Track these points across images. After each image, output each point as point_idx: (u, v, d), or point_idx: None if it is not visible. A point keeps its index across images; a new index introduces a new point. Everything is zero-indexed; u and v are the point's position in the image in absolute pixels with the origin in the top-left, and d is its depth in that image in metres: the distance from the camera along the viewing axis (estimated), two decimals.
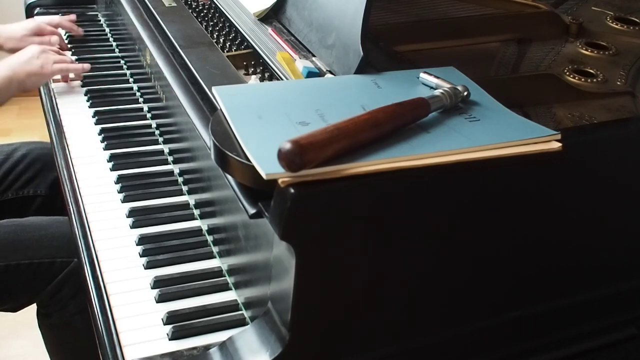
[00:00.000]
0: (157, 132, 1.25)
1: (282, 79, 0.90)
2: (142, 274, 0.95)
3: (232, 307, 0.90)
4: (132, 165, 1.17)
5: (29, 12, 1.69)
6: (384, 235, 0.74)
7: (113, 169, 1.16)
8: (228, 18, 1.11)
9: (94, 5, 1.74)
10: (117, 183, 1.12)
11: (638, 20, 1.17)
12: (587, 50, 1.07)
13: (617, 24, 1.16)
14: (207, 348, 0.82)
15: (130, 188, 1.11)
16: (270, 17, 1.06)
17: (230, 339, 0.79)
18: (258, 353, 0.75)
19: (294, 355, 0.74)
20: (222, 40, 1.05)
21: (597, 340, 0.97)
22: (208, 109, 0.90)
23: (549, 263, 0.88)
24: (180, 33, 1.08)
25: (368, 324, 0.79)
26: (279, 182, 0.66)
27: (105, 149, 1.22)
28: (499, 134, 0.76)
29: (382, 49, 0.98)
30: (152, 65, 1.18)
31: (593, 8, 1.21)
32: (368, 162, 0.69)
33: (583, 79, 0.98)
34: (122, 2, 1.33)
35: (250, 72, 0.96)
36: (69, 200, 1.11)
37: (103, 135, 1.25)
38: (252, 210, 0.73)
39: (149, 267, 0.96)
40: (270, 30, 1.02)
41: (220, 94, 0.81)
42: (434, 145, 0.73)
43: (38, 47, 1.35)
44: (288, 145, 0.64)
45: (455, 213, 0.77)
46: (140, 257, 0.97)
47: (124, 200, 1.08)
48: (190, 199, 1.08)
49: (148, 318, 0.88)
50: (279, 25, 1.04)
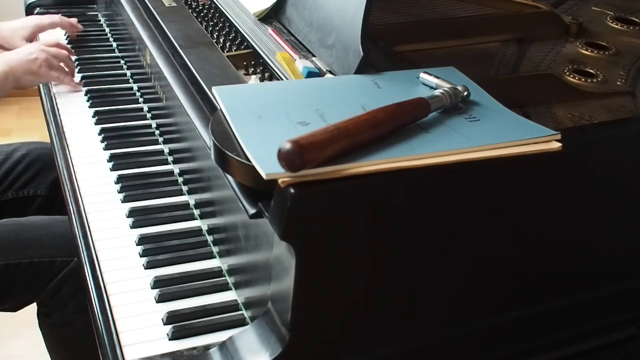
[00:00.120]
0: (157, 132, 1.25)
1: (282, 79, 0.90)
2: (142, 274, 0.95)
3: (232, 307, 0.90)
4: (132, 165, 1.17)
5: (29, 12, 1.70)
6: (384, 235, 0.74)
7: (113, 169, 1.16)
8: (228, 18, 1.11)
9: (94, 5, 1.74)
10: (117, 183, 1.12)
11: (638, 20, 1.17)
12: (587, 50, 1.07)
13: (617, 24, 1.15)
14: (207, 348, 0.82)
15: (130, 188, 1.11)
16: (270, 17, 1.06)
17: (230, 339, 0.79)
18: (258, 353, 0.75)
19: (294, 355, 0.74)
20: (222, 40, 1.05)
21: (597, 340, 0.97)
22: (208, 109, 0.90)
23: (549, 263, 0.88)
24: (180, 33, 1.08)
25: (368, 324, 0.79)
26: (279, 182, 0.66)
27: (105, 149, 1.22)
28: (499, 134, 0.76)
29: (382, 49, 0.98)
30: (152, 65, 1.18)
31: (593, 8, 1.21)
32: (368, 162, 0.69)
33: (583, 79, 0.98)
34: (122, 2, 1.33)
35: (250, 72, 0.96)
36: (69, 200, 1.11)
37: (103, 135, 1.25)
38: (252, 210, 0.73)
39: (149, 267, 0.96)
40: (270, 30, 1.02)
41: (220, 94, 0.81)
42: (434, 145, 0.73)
43: (38, 47, 1.35)
44: (288, 145, 0.64)
45: (455, 213, 0.77)
46: (140, 257, 0.97)
47: (124, 200, 1.08)
48: (190, 199, 1.08)
49: (148, 318, 0.88)
50: (279, 25, 1.04)
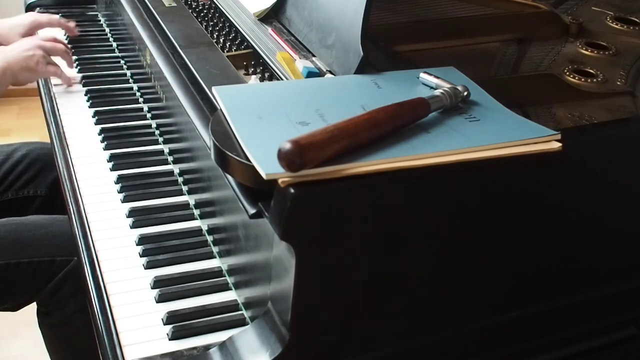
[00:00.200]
0: (157, 132, 1.25)
1: (282, 79, 0.90)
2: (142, 274, 0.95)
3: (232, 307, 0.90)
4: (132, 165, 1.17)
5: (29, 12, 1.69)
6: (384, 235, 0.74)
7: (113, 169, 1.16)
8: (228, 18, 1.11)
9: (94, 5, 1.73)
10: (117, 183, 1.12)
11: (638, 20, 1.17)
12: (587, 50, 1.07)
13: (617, 24, 1.15)
14: (207, 348, 0.82)
15: (130, 188, 1.11)
16: (270, 17, 1.06)
17: (230, 339, 0.79)
18: (258, 353, 0.75)
19: (294, 355, 0.74)
20: (222, 40, 1.05)
21: (597, 340, 0.97)
22: (208, 109, 0.89)
23: (549, 263, 0.88)
24: (180, 33, 1.08)
25: (368, 324, 0.79)
26: (279, 182, 0.66)
27: (105, 149, 1.22)
28: (499, 134, 0.75)
29: (382, 49, 0.98)
30: (152, 65, 1.18)
31: (593, 8, 1.21)
32: (368, 162, 0.69)
33: (583, 79, 0.98)
34: (122, 2, 1.33)
35: (250, 72, 0.96)
36: (69, 200, 1.11)
37: (103, 135, 1.25)
38: (252, 210, 0.73)
39: (149, 267, 0.96)
40: (270, 30, 1.02)
41: (220, 94, 0.81)
42: (434, 145, 0.73)
43: (35, 43, 1.34)
44: (288, 145, 0.64)
45: (456, 213, 0.77)
46: (140, 257, 0.97)
47: (124, 200, 1.08)
48: (190, 199, 1.08)
49: (148, 318, 0.88)
50: (279, 25, 1.04)
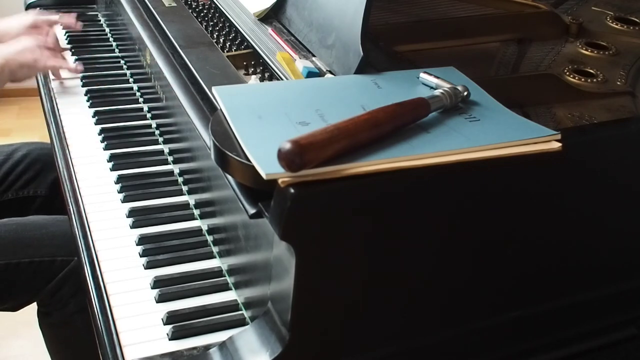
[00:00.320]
0: (157, 132, 1.25)
1: (282, 79, 0.90)
2: (142, 274, 0.95)
3: (232, 307, 0.90)
4: (132, 165, 1.17)
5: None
6: (384, 235, 0.74)
7: (113, 169, 1.16)
8: (228, 18, 1.11)
9: (94, 5, 1.73)
10: (117, 183, 1.12)
11: (638, 20, 1.17)
12: (587, 50, 1.07)
13: (617, 24, 1.15)
14: (207, 348, 0.82)
15: (130, 188, 1.11)
16: (270, 17, 1.06)
17: (230, 339, 0.79)
18: (258, 353, 0.75)
19: (294, 355, 0.74)
20: (222, 40, 1.05)
21: (597, 340, 0.97)
22: (208, 109, 0.89)
23: (549, 263, 0.88)
24: (180, 33, 1.08)
25: (368, 324, 0.79)
26: (279, 182, 0.66)
27: (105, 149, 1.22)
28: (499, 134, 0.75)
29: (382, 49, 0.98)
30: (152, 65, 1.18)
31: (593, 8, 1.21)
32: (368, 162, 0.69)
33: (583, 79, 0.98)
34: (122, 2, 1.33)
35: (250, 72, 0.96)
36: (69, 200, 1.11)
37: (103, 135, 1.25)
38: (252, 210, 0.73)
39: (149, 267, 0.96)
40: (270, 30, 1.02)
41: (220, 94, 0.81)
42: (434, 145, 0.73)
43: (33, 40, 1.34)
44: (288, 145, 0.64)
45: (455, 213, 0.77)
46: (140, 257, 0.97)
47: (124, 200, 1.08)
48: (190, 199, 1.08)
49: (148, 318, 0.88)
50: (279, 25, 1.04)
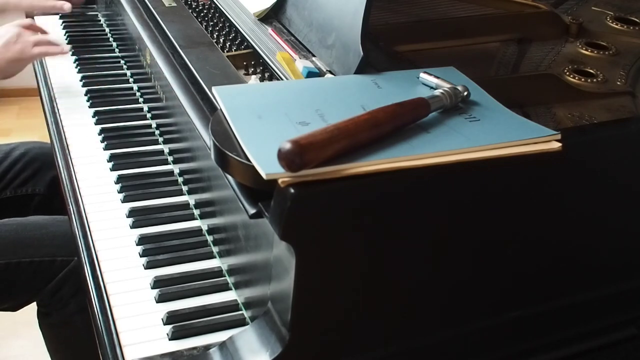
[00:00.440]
0: (157, 132, 1.25)
1: (282, 79, 0.90)
2: (142, 274, 0.95)
3: (232, 307, 0.90)
4: (132, 165, 1.17)
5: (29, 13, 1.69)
6: (384, 235, 0.74)
7: (113, 169, 1.16)
8: (228, 18, 1.11)
9: (94, 5, 1.73)
10: (117, 183, 1.12)
11: (638, 20, 1.17)
12: (587, 50, 1.07)
13: (617, 24, 1.15)
14: (207, 348, 0.82)
15: (130, 188, 1.11)
16: (270, 17, 1.06)
17: (230, 339, 0.79)
18: (258, 353, 0.75)
19: (294, 355, 0.74)
20: (222, 40, 1.05)
21: (597, 340, 0.97)
22: (208, 109, 0.89)
23: (549, 263, 0.88)
24: (180, 33, 1.08)
25: (368, 324, 0.79)
26: (279, 182, 0.66)
27: (105, 149, 1.21)
28: (499, 134, 0.75)
29: (382, 49, 0.98)
30: (152, 65, 1.18)
31: (593, 8, 1.21)
32: (368, 162, 0.69)
33: (583, 79, 0.98)
34: (122, 2, 1.33)
35: (250, 72, 0.96)
36: (69, 200, 1.11)
37: (103, 135, 1.25)
38: (252, 210, 0.73)
39: (149, 267, 0.96)
40: (270, 30, 1.02)
41: (220, 94, 0.81)
42: (434, 145, 0.73)
43: (13, 29, 1.31)
44: (288, 145, 0.64)
45: (455, 213, 0.77)
46: (140, 257, 0.97)
47: (124, 200, 1.08)
48: (190, 199, 1.08)
49: (148, 318, 0.88)
50: (279, 25, 1.04)
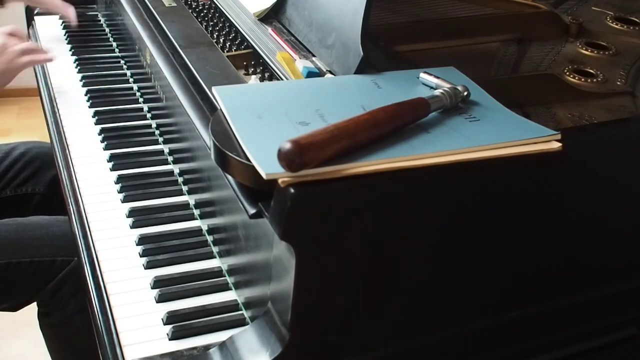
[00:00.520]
0: (157, 132, 1.25)
1: (282, 79, 0.90)
2: (142, 274, 0.95)
3: (232, 307, 0.90)
4: (132, 165, 1.17)
5: (29, 12, 1.69)
6: (384, 235, 0.74)
7: (113, 169, 1.16)
8: (228, 18, 1.11)
9: (94, 5, 1.73)
10: (117, 183, 1.12)
11: (638, 20, 1.17)
12: (587, 50, 1.07)
13: (617, 24, 1.15)
14: (207, 348, 0.82)
15: (130, 188, 1.11)
16: (270, 17, 1.06)
17: (230, 339, 0.79)
18: (258, 353, 0.75)
19: (294, 355, 0.74)
20: (222, 40, 1.05)
21: (597, 340, 0.97)
22: (208, 109, 0.89)
23: (549, 263, 0.88)
24: (180, 33, 1.08)
25: (368, 324, 0.79)
26: (279, 182, 0.66)
27: (105, 149, 1.21)
28: (499, 134, 0.75)
29: (382, 49, 0.98)
30: (152, 65, 1.18)
31: (593, 8, 1.21)
32: (368, 162, 0.69)
33: (583, 79, 0.98)
34: (122, 2, 1.33)
35: (250, 72, 0.96)
36: (69, 200, 1.11)
37: (103, 135, 1.25)
38: (252, 210, 0.73)
39: (149, 267, 0.96)
40: (270, 30, 1.02)
41: (220, 94, 0.81)
42: (434, 145, 0.73)
43: None
44: (288, 145, 0.64)
45: (455, 213, 0.77)
46: (140, 257, 0.97)
47: (124, 200, 1.08)
48: (190, 199, 1.08)
49: (148, 318, 0.88)
50: (279, 25, 1.04)
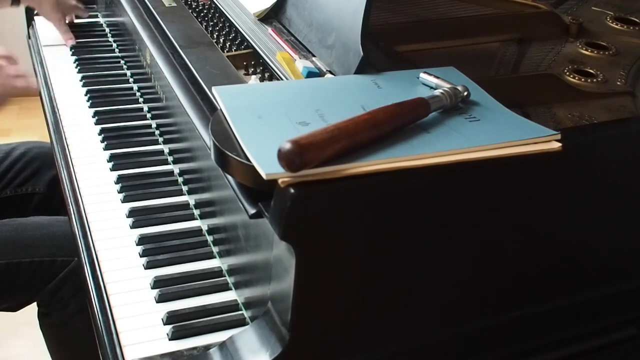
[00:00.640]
0: (157, 132, 1.25)
1: (282, 79, 0.90)
2: (142, 274, 0.95)
3: (232, 307, 0.90)
4: (132, 165, 1.17)
5: (29, 13, 1.69)
6: (384, 235, 0.74)
7: (113, 169, 1.16)
8: (228, 18, 1.11)
9: (94, 5, 1.73)
10: (117, 183, 1.12)
11: (638, 20, 1.17)
12: (587, 50, 1.07)
13: (617, 24, 1.15)
14: (207, 348, 0.82)
15: (130, 188, 1.11)
16: (270, 17, 1.06)
17: (230, 339, 0.79)
18: (258, 353, 0.75)
19: (294, 355, 0.74)
20: (222, 40, 1.05)
21: (597, 340, 0.97)
22: (208, 109, 0.89)
23: (549, 263, 0.88)
24: (180, 33, 1.08)
25: (368, 324, 0.79)
26: (279, 182, 0.66)
27: (105, 149, 1.21)
28: (499, 134, 0.75)
29: (382, 49, 0.98)
30: (152, 65, 1.18)
31: (593, 8, 1.21)
32: (368, 162, 0.69)
33: (583, 79, 0.98)
34: (122, 2, 1.33)
35: (250, 72, 0.96)
36: (69, 200, 1.11)
37: (103, 135, 1.25)
38: (252, 210, 0.73)
39: (149, 267, 0.96)
40: (270, 30, 1.02)
41: (220, 94, 0.81)
42: (434, 145, 0.73)
43: None
44: (288, 145, 0.64)
45: (456, 213, 0.77)
46: (140, 257, 0.97)
47: (124, 200, 1.08)
48: (190, 199, 1.08)
49: (148, 318, 0.88)
50: (279, 25, 1.04)
